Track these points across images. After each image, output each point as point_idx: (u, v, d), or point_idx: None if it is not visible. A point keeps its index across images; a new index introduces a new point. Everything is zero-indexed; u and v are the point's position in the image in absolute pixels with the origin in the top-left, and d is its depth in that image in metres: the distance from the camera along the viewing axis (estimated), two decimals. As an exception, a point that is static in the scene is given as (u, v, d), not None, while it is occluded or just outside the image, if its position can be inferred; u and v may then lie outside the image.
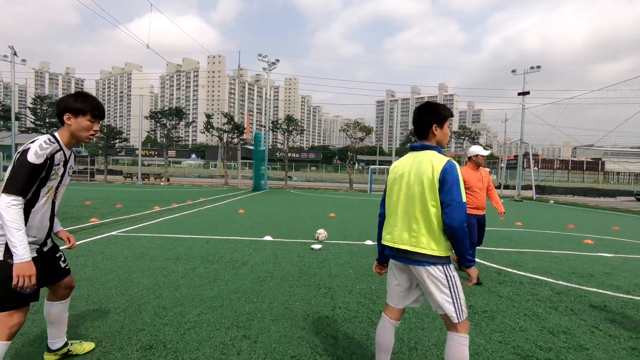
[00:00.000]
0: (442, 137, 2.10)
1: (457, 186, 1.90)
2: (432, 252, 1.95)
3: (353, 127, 32.03)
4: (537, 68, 27.22)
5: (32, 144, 1.89)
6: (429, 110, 2.09)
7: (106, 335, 2.86)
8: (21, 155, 1.86)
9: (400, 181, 2.09)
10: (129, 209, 11.29)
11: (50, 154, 1.91)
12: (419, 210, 1.97)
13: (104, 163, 35.81)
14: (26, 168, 1.84)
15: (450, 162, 1.96)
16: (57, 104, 2.08)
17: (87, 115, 2.04)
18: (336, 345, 2.83)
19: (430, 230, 1.95)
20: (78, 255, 5.30)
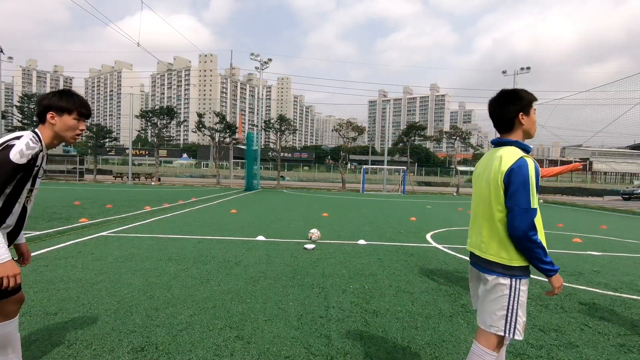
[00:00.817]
0: (530, 125, 1.84)
1: (524, 189, 1.67)
2: (501, 261, 1.75)
3: (346, 126, 32.09)
4: (527, 69, 27.57)
5: (18, 141, 1.73)
6: (511, 98, 1.83)
7: (96, 337, 2.81)
8: (3, 151, 1.70)
9: (476, 182, 1.94)
10: (119, 209, 11.14)
11: (35, 154, 1.77)
12: (487, 214, 1.81)
13: (93, 162, 35.31)
14: (7, 167, 1.68)
15: (522, 160, 1.70)
16: (39, 101, 1.91)
17: (72, 114, 1.89)
18: (330, 345, 2.83)
19: (497, 237, 1.76)
20: (67, 256, 5.21)
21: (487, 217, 1.81)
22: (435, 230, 8.98)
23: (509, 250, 1.75)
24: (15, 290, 1.91)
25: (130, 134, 31.92)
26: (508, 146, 1.81)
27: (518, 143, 1.82)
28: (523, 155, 1.74)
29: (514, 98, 1.82)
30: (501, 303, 1.76)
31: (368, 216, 11.67)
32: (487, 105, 1.93)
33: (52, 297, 3.60)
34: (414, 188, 34.02)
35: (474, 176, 1.99)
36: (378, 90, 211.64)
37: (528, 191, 1.67)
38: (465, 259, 5.91)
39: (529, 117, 1.83)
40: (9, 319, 1.96)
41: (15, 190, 1.77)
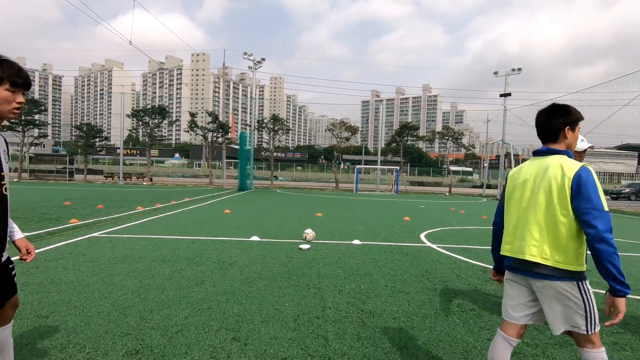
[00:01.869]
0: (573, 140, 1.93)
1: (596, 192, 1.71)
2: (559, 265, 1.77)
3: (339, 126, 32.13)
4: (518, 70, 27.88)
5: None
6: (561, 111, 1.92)
7: (89, 340, 2.76)
8: None
9: (522, 188, 1.95)
10: (110, 209, 11.00)
11: None
12: (544, 220, 1.82)
13: (83, 162, 34.82)
14: None
15: (585, 167, 1.77)
16: None
17: (4, 84, 1.59)
18: (327, 346, 2.81)
19: (558, 242, 1.78)
20: (58, 257, 5.12)
21: (545, 223, 1.81)
22: (429, 230, 9.03)
23: (568, 254, 1.77)
24: (11, 294, 1.86)
25: (121, 134, 31.53)
26: (559, 155, 1.88)
27: (568, 153, 1.91)
28: (584, 163, 1.82)
29: (564, 112, 1.92)
30: (577, 307, 1.78)
31: (362, 216, 11.69)
32: (537, 115, 2.01)
33: (44, 299, 3.53)
34: (407, 188, 34.20)
35: (517, 184, 1.99)
36: (371, 90, 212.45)
37: (599, 194, 1.72)
38: (460, 259, 5.95)
39: (573, 133, 1.93)
40: (4, 324, 1.88)
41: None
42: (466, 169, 72.68)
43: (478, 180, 52.54)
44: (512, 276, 1.99)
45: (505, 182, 2.12)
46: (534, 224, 1.85)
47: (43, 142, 49.69)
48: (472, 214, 13.59)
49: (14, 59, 1.70)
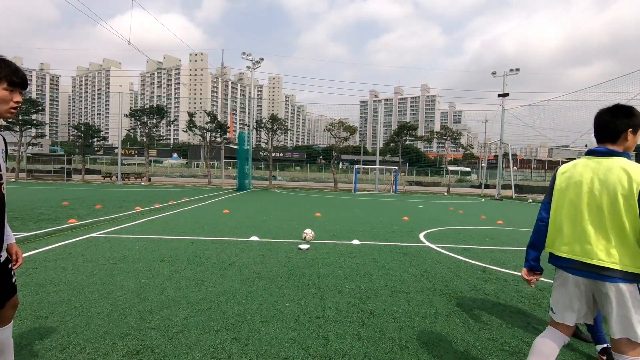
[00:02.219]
0: (632, 144, 1.91)
1: None
2: (626, 269, 1.77)
3: (337, 126, 32.14)
4: (516, 70, 27.95)
5: None
6: (626, 112, 1.88)
7: (90, 341, 2.75)
8: None
9: (577, 189, 1.92)
10: (109, 209, 10.96)
11: None
12: (610, 223, 1.81)
13: (81, 162, 34.70)
14: None
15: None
16: None
17: (2, 84, 1.60)
18: (328, 346, 2.82)
19: (625, 245, 1.77)
20: (57, 258, 5.10)
21: (611, 227, 1.80)
22: (428, 230, 9.04)
23: (636, 258, 1.77)
24: (11, 294, 1.85)
25: (119, 133, 31.46)
26: (619, 157, 1.86)
27: (627, 155, 1.88)
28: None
29: (629, 114, 1.89)
30: (637, 309, 1.77)
31: (361, 216, 11.70)
32: (598, 114, 1.98)
33: (43, 300, 3.52)
34: (406, 188, 34.24)
35: (570, 183, 1.97)
36: (369, 90, 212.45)
37: None
38: (459, 259, 5.96)
39: (635, 136, 1.91)
40: (4, 325, 1.88)
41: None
42: (464, 169, 72.82)
43: (476, 180, 52.67)
44: (569, 277, 1.96)
45: (554, 178, 2.07)
46: (598, 227, 1.84)
47: (41, 142, 49.53)
48: (470, 214, 13.62)
49: (11, 58, 1.69)
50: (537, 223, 2.11)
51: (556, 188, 2.03)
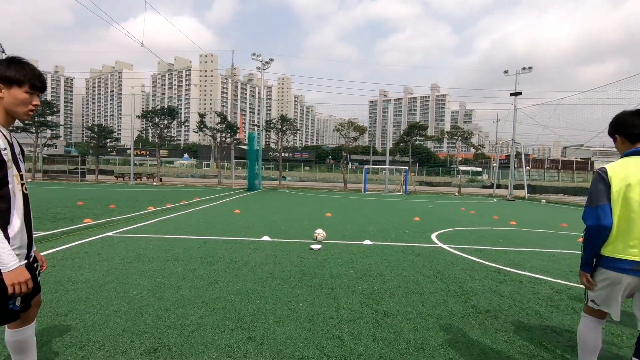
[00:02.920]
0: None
1: None
2: None
3: (347, 126, 32.07)
4: (528, 69, 27.54)
5: None
6: None
7: (108, 338, 2.79)
8: None
9: (638, 189, 1.94)
10: (122, 209, 11.13)
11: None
12: None
13: (95, 163, 35.29)
14: None
15: None
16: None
17: (24, 87, 1.64)
18: (343, 347, 2.81)
19: None
20: (74, 256, 5.20)
21: None
22: (440, 230, 8.96)
23: None
24: (36, 293, 1.90)
25: (132, 134, 31.93)
26: None
27: None
28: None
29: None
30: None
31: (371, 216, 11.65)
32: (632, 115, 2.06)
33: (62, 297, 3.59)
34: (416, 188, 34.00)
35: (628, 182, 1.96)
36: (378, 90, 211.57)
37: None
38: (473, 260, 5.89)
39: None
40: (28, 323, 1.93)
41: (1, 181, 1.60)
42: (475, 168, 71.93)
43: (488, 180, 51.98)
44: (624, 277, 1.98)
45: (605, 181, 2.02)
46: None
47: (55, 143, 50.54)
48: (482, 215, 13.45)
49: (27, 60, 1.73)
50: (601, 229, 2.00)
51: (615, 190, 1.99)
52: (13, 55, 1.69)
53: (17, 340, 1.91)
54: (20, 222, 1.68)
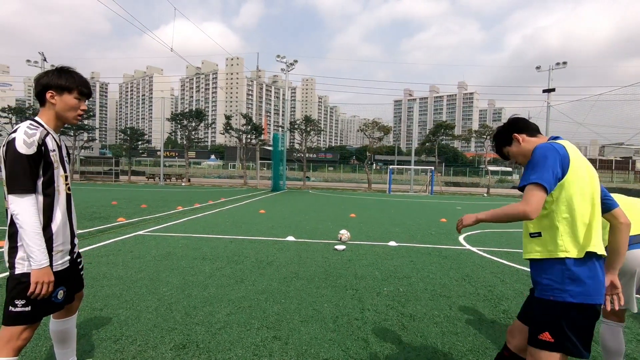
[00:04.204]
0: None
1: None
2: None
3: (371, 127, 31.82)
4: (562, 64, 26.33)
5: (16, 134, 1.63)
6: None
7: (140, 333, 2.90)
8: (8, 148, 1.61)
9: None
10: (153, 209, 11.54)
11: (40, 139, 1.66)
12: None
13: (127, 164, 36.82)
14: (20, 162, 1.60)
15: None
16: (36, 80, 1.78)
17: (73, 93, 1.79)
18: (368, 349, 2.78)
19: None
20: (108, 254, 5.44)
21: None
22: (468, 232, 8.71)
23: None
24: (80, 287, 2.03)
25: (162, 137, 33.09)
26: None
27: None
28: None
29: None
30: None
31: (396, 217, 11.49)
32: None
33: (98, 293, 3.76)
34: (442, 188, 33.25)
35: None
36: (404, 89, 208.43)
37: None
38: (503, 263, 5.69)
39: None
40: (71, 315, 2.06)
41: (48, 181, 1.70)
42: (505, 169, 69.48)
43: (519, 181, 50.04)
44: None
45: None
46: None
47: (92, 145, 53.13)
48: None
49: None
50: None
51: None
52: (62, 65, 1.84)
53: (60, 330, 2.04)
54: (63, 219, 1.78)
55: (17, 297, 1.66)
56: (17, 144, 1.60)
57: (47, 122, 1.76)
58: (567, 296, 1.54)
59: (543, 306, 1.60)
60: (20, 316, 1.66)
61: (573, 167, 1.60)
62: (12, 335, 1.66)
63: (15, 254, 1.66)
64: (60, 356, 2.12)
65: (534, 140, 1.80)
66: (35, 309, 1.69)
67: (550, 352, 1.57)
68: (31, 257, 1.63)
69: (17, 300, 1.66)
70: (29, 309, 1.67)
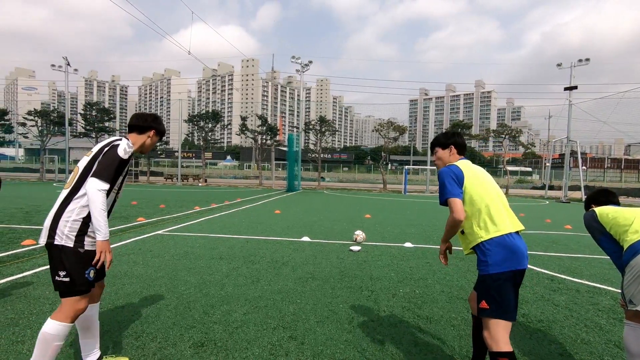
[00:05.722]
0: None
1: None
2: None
3: (386, 127, 31.59)
4: (585, 61, 25.51)
5: (120, 142, 2.14)
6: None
7: (160, 331, 2.97)
8: (111, 149, 2.11)
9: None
10: (171, 209, 11.78)
11: (132, 153, 2.19)
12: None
13: (146, 165, 37.65)
14: (117, 161, 2.09)
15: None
16: (142, 118, 2.33)
17: (157, 136, 2.38)
18: (383, 351, 2.77)
19: None
20: (129, 253, 5.58)
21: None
22: (486, 234, 8.55)
23: None
24: (102, 275, 2.28)
25: (179, 138, 33.72)
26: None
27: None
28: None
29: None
30: None
31: (412, 218, 11.38)
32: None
33: (119, 291, 3.87)
34: (459, 189, 32.64)
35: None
36: (419, 88, 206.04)
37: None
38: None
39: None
40: (94, 302, 2.31)
41: (114, 183, 2.15)
42: (525, 169, 67.84)
43: (539, 181, 48.82)
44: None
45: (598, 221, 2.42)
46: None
47: (112, 146, 54.28)
48: (533, 217, 12.66)
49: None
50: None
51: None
52: (158, 115, 2.47)
53: (85, 316, 2.24)
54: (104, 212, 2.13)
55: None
56: (119, 149, 2.11)
57: (135, 146, 2.29)
58: (487, 269, 2.01)
59: (478, 281, 2.09)
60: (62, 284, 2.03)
61: (467, 178, 2.17)
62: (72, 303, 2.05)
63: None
64: (84, 346, 2.34)
65: (450, 159, 2.38)
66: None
67: (489, 318, 1.98)
68: (98, 231, 2.02)
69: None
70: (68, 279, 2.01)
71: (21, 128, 33.78)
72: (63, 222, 2.03)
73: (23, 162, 60.58)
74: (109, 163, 2.07)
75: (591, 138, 38.54)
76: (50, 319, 2.05)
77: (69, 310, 2.04)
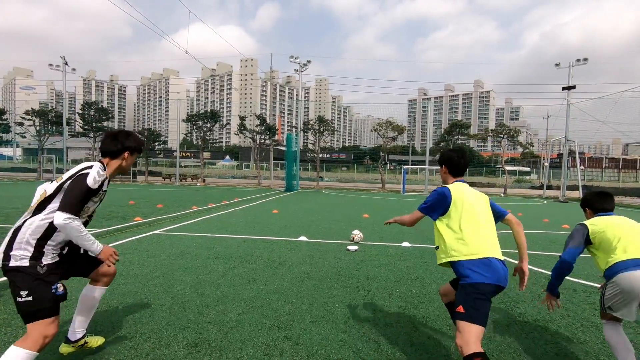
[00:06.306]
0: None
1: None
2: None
3: (385, 126, 31.60)
4: (583, 61, 25.55)
5: (91, 170, 2.08)
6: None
7: (153, 331, 2.95)
8: (79, 178, 2.05)
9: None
10: (169, 208, 11.74)
11: (102, 181, 2.14)
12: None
13: (144, 165, 37.58)
14: (84, 190, 2.03)
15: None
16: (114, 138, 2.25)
17: (135, 153, 2.32)
18: (379, 351, 2.76)
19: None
20: (125, 252, 5.55)
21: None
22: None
23: None
24: (62, 296, 2.22)
25: (177, 138, 33.66)
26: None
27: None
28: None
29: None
30: None
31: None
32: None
33: (114, 291, 3.84)
34: (457, 189, 32.68)
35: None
36: (418, 88, 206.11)
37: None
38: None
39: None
40: (105, 286, 2.49)
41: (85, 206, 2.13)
42: (523, 168, 67.92)
43: (537, 180, 48.89)
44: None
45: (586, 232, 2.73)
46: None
47: (110, 146, 54.21)
48: (531, 217, 12.66)
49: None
50: (566, 264, 2.70)
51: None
52: (130, 131, 2.38)
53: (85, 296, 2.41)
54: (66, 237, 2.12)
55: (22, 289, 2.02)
56: (88, 178, 2.04)
57: (110, 170, 2.24)
58: (468, 280, 2.16)
59: (459, 289, 2.21)
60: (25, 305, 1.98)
61: (454, 202, 2.33)
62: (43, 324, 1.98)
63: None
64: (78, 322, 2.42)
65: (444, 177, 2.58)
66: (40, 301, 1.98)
67: (463, 321, 2.07)
68: (90, 251, 2.07)
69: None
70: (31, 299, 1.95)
71: (19, 128, 33.67)
72: (17, 244, 1.96)
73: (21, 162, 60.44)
74: (76, 193, 1.99)
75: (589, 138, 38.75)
76: (15, 346, 1.86)
77: (37, 337, 1.88)
